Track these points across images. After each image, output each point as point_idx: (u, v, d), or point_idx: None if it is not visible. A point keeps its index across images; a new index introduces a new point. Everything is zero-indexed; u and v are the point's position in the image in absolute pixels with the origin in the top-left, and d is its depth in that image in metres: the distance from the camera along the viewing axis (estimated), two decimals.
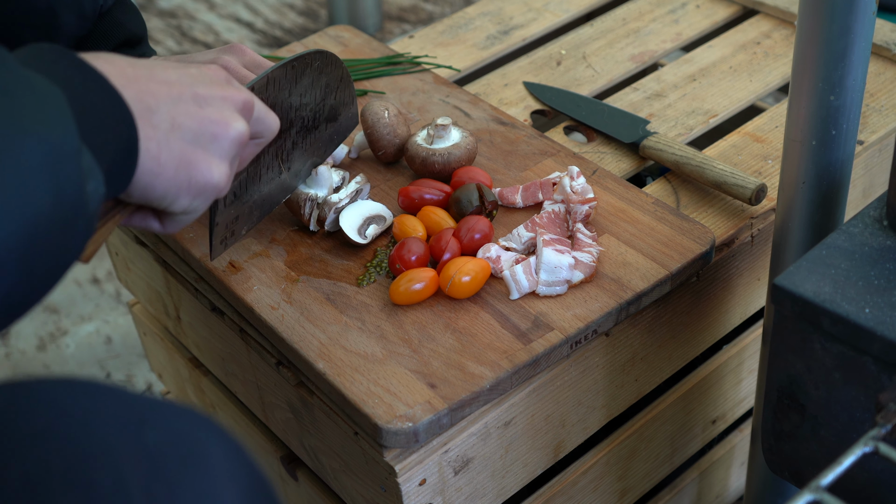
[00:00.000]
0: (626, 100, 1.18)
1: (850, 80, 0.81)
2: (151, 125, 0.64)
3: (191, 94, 0.68)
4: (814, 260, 0.76)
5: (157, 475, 0.50)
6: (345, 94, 0.98)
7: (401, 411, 0.81)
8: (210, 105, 0.69)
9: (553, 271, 0.89)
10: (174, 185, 0.66)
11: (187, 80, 0.69)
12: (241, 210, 0.90)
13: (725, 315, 1.05)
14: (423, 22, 2.44)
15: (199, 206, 0.70)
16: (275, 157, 0.91)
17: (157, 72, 0.67)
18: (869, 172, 1.12)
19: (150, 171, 0.64)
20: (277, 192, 0.94)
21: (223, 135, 0.69)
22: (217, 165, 0.69)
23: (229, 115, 0.70)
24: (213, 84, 0.71)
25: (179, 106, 0.66)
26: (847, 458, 0.64)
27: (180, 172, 0.66)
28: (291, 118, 0.91)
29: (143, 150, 0.63)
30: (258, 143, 0.78)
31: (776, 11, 1.29)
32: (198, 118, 0.67)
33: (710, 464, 1.20)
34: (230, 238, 0.91)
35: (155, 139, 0.64)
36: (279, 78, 0.87)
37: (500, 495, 0.93)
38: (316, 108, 0.95)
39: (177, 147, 0.66)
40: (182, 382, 1.26)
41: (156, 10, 2.57)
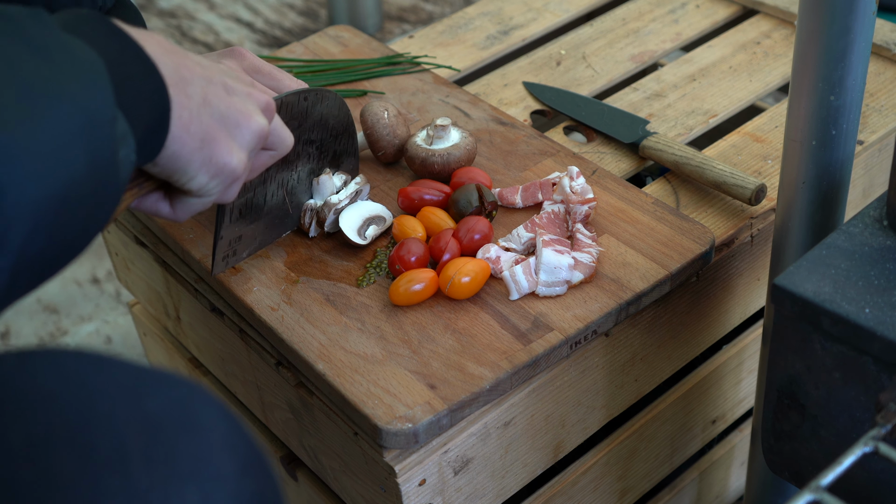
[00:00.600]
0: (626, 100, 1.18)
1: (850, 80, 0.81)
2: (186, 94, 0.66)
3: (221, 80, 0.71)
4: (814, 260, 0.76)
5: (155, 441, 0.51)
6: (348, 144, 1.00)
7: (400, 412, 0.81)
8: (237, 95, 0.72)
9: (553, 272, 0.89)
10: (197, 158, 0.68)
11: (216, 68, 0.72)
12: (245, 230, 0.92)
13: (725, 315, 1.05)
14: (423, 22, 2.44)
15: (213, 189, 0.72)
16: (280, 185, 0.94)
17: (189, 54, 0.70)
18: (869, 172, 1.12)
19: (179, 138, 0.66)
20: (280, 223, 0.96)
21: (246, 125, 0.72)
22: (237, 150, 0.71)
23: (253, 109, 0.73)
24: (240, 80, 0.74)
25: (210, 87, 0.69)
26: (847, 458, 0.64)
27: (205, 147, 0.68)
28: (299, 150, 0.94)
29: (176, 116, 0.65)
30: (272, 154, 0.80)
31: (776, 11, 1.29)
32: (226, 102, 0.70)
33: (710, 464, 1.20)
34: (232, 257, 0.93)
35: (188, 108, 0.66)
36: (292, 104, 0.89)
37: (500, 495, 0.93)
38: (322, 148, 0.97)
39: (206, 121, 0.68)
40: None
41: (156, 10, 2.57)
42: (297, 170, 0.95)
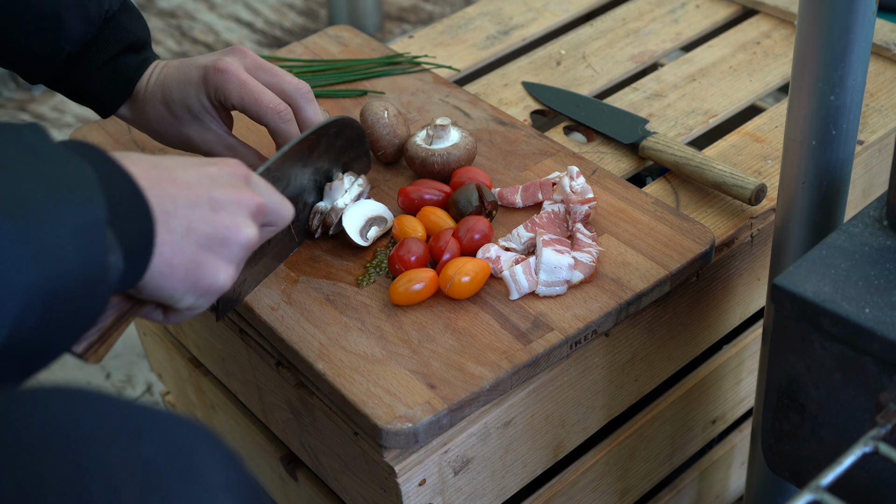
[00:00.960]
0: (626, 100, 1.18)
1: (850, 80, 0.81)
2: (168, 229, 0.67)
3: (207, 197, 0.70)
4: (814, 260, 0.76)
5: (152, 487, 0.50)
6: (359, 149, 1.00)
7: (400, 412, 0.81)
8: (224, 210, 0.71)
9: (553, 271, 0.89)
10: (182, 286, 0.69)
11: (206, 181, 0.71)
12: (250, 273, 0.91)
13: (725, 315, 1.05)
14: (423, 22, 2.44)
15: (202, 305, 0.73)
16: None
17: (177, 173, 0.69)
18: (869, 172, 1.12)
19: (162, 272, 0.67)
20: (284, 250, 0.95)
21: (234, 239, 0.71)
22: (224, 269, 0.71)
23: (241, 221, 0.72)
24: (230, 187, 0.72)
25: (196, 211, 0.69)
26: (847, 458, 0.64)
27: (189, 275, 0.69)
28: (303, 183, 0.93)
29: (158, 252, 0.66)
30: (271, 230, 0.79)
31: (776, 11, 1.29)
32: (212, 223, 0.70)
33: (710, 464, 1.20)
34: (237, 299, 0.92)
35: (170, 244, 0.67)
36: (294, 153, 0.89)
37: (500, 495, 0.93)
38: (330, 167, 0.96)
39: (189, 251, 0.68)
40: (182, 382, 1.26)
41: (156, 10, 2.57)
42: (304, 197, 0.95)
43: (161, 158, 0.70)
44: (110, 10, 0.94)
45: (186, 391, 1.26)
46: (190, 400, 1.27)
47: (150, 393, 1.59)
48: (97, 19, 0.93)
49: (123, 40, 0.95)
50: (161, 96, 0.96)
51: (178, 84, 0.95)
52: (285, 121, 0.94)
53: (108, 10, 0.94)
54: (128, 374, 1.63)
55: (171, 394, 1.36)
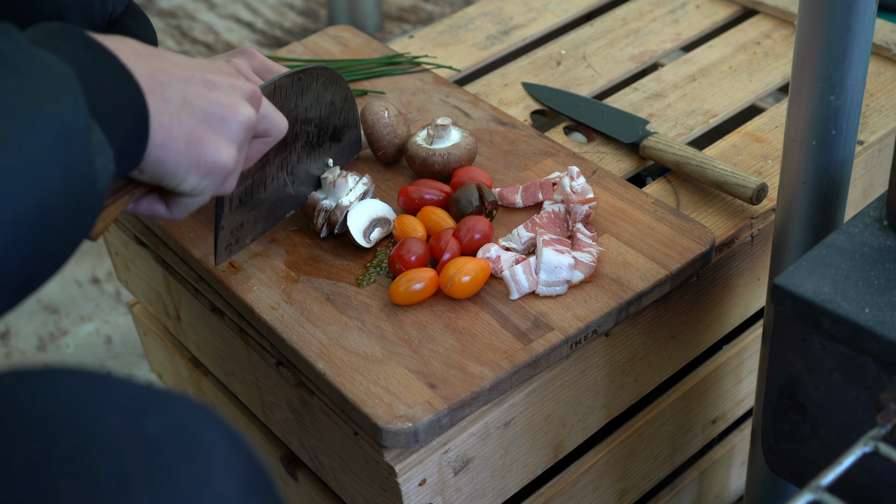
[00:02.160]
0: (626, 100, 1.18)
1: (850, 80, 0.81)
2: (163, 98, 0.65)
3: (200, 77, 0.69)
4: (814, 260, 0.76)
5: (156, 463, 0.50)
6: (349, 116, 1.00)
7: (401, 411, 0.81)
8: (219, 89, 0.70)
9: (553, 271, 0.89)
10: (185, 161, 0.67)
11: (196, 65, 0.71)
12: (247, 217, 0.91)
13: (725, 315, 1.05)
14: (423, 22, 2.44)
15: (206, 188, 0.71)
16: (280, 167, 0.93)
17: (167, 55, 0.69)
18: (869, 172, 1.12)
19: (162, 143, 0.65)
20: (282, 205, 0.96)
21: (231, 117, 0.70)
22: (225, 146, 0.70)
23: (238, 101, 0.71)
24: (222, 72, 0.72)
25: (190, 86, 0.68)
26: (847, 458, 0.64)
27: (191, 148, 0.67)
28: (297, 131, 0.93)
29: (156, 122, 0.64)
30: (266, 141, 0.78)
31: (776, 11, 1.29)
32: (207, 98, 0.69)
33: (710, 464, 1.20)
34: (234, 245, 0.92)
35: (167, 112, 0.65)
36: (286, 87, 0.88)
37: (500, 495, 0.93)
38: (321, 125, 0.96)
39: (187, 122, 0.67)
40: (182, 382, 1.26)
41: (156, 10, 2.57)
42: (297, 150, 0.94)
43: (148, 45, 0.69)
44: (115, 13, 0.94)
45: (187, 391, 1.26)
46: None
47: None
48: (101, 22, 0.93)
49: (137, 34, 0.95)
50: None
51: None
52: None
53: (113, 13, 0.94)
54: (128, 374, 1.63)
55: None
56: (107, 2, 0.93)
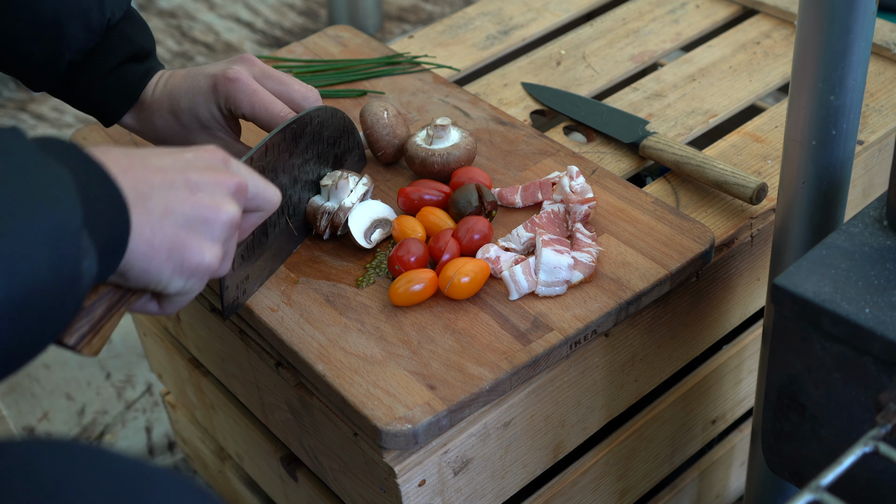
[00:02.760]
0: (626, 100, 1.18)
1: (850, 80, 0.81)
2: (145, 210, 0.66)
3: (183, 180, 0.69)
4: (814, 260, 0.76)
5: None
6: (349, 142, 0.99)
7: (400, 413, 0.81)
8: (202, 190, 0.70)
9: (552, 271, 0.89)
10: (168, 268, 0.68)
11: (180, 165, 0.70)
12: (252, 269, 0.90)
13: (725, 315, 1.05)
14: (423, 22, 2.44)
15: (193, 287, 0.72)
16: (281, 213, 0.92)
17: (150, 160, 0.69)
18: (869, 172, 1.12)
19: (145, 254, 0.66)
20: (286, 245, 0.95)
21: (214, 219, 0.70)
22: (209, 248, 0.70)
23: (221, 200, 0.71)
24: (207, 169, 0.71)
25: (172, 192, 0.68)
26: (847, 458, 0.64)
27: (173, 255, 0.68)
28: (295, 175, 0.92)
29: (138, 234, 0.66)
30: (260, 215, 0.78)
31: (776, 11, 1.29)
32: (190, 203, 0.69)
33: (710, 464, 1.20)
34: (242, 297, 0.91)
35: (149, 224, 0.66)
36: (278, 142, 0.88)
37: (500, 496, 0.93)
38: (320, 161, 0.96)
39: (169, 231, 0.68)
40: (182, 383, 1.26)
41: (156, 10, 2.57)
42: (298, 190, 0.94)
43: (133, 148, 0.70)
44: (113, 18, 0.94)
45: (186, 391, 1.26)
46: (190, 400, 1.27)
47: (150, 393, 1.59)
48: (99, 28, 0.93)
49: (127, 49, 0.96)
50: (168, 105, 0.96)
51: (187, 93, 0.95)
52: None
53: (111, 19, 0.94)
54: (128, 374, 1.63)
55: (171, 394, 1.36)
56: (105, 8, 0.93)
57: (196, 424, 1.32)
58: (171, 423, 1.42)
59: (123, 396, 1.59)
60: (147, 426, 1.55)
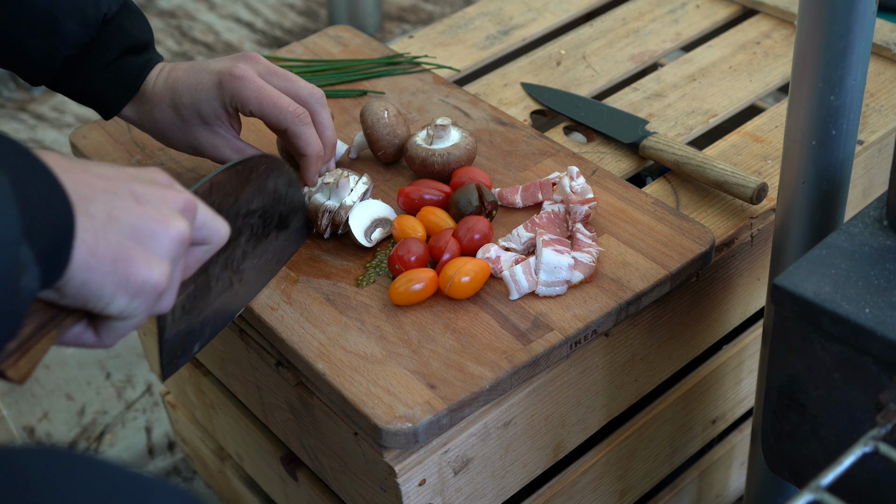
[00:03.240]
0: (626, 100, 1.18)
1: (850, 80, 0.81)
2: (88, 214, 0.60)
3: (128, 189, 0.64)
4: (814, 260, 0.76)
5: None
6: (294, 200, 0.92)
7: (400, 412, 0.81)
8: (149, 202, 0.64)
9: (552, 271, 0.89)
10: (111, 281, 0.61)
11: (124, 175, 0.65)
12: (193, 325, 0.83)
13: (725, 315, 1.05)
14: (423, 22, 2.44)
15: (137, 309, 0.64)
16: (224, 267, 0.85)
17: (92, 166, 0.64)
18: (869, 172, 1.12)
19: (87, 264, 0.60)
20: (230, 305, 0.88)
21: (162, 232, 0.64)
22: (157, 263, 0.63)
23: (169, 214, 0.65)
24: (153, 183, 0.66)
25: (116, 200, 0.62)
26: (847, 458, 0.64)
27: (118, 267, 0.61)
28: (240, 226, 0.85)
29: (80, 240, 0.59)
30: (206, 249, 0.71)
31: (776, 11, 1.29)
32: (136, 213, 0.63)
33: (710, 464, 1.20)
34: (181, 356, 0.84)
35: (92, 229, 0.60)
36: (223, 182, 0.81)
37: (500, 495, 0.93)
38: (265, 215, 0.89)
39: (114, 239, 0.61)
40: (182, 382, 1.26)
41: (156, 10, 2.57)
42: (242, 244, 0.86)
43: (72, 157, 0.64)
44: (109, 12, 0.94)
45: (186, 391, 1.26)
46: (190, 400, 1.27)
47: (150, 393, 1.59)
48: (94, 22, 0.93)
49: (123, 42, 0.95)
50: (170, 99, 0.95)
51: (190, 88, 0.94)
52: (305, 123, 0.94)
53: (107, 13, 0.93)
54: (128, 374, 1.63)
55: (171, 394, 1.36)
56: (100, 2, 0.92)
57: (196, 424, 1.32)
58: (171, 422, 1.42)
59: (123, 396, 1.59)
60: (147, 426, 1.55)
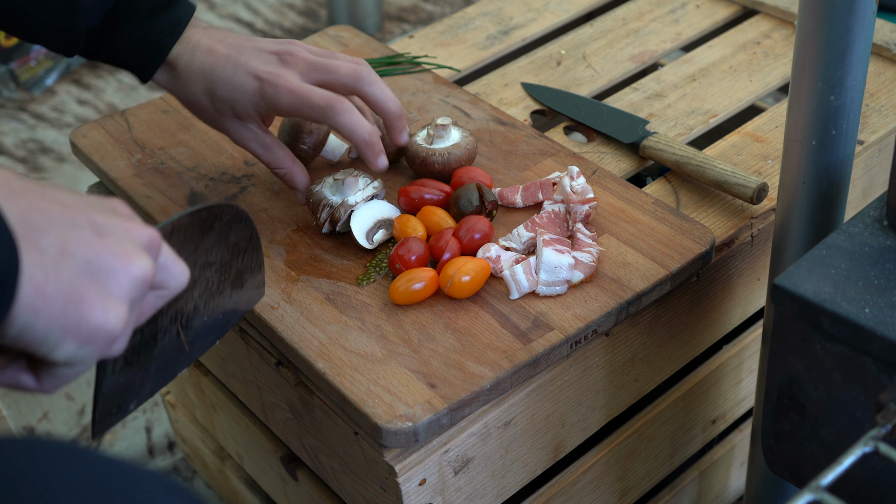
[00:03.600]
0: (626, 100, 1.18)
1: (850, 80, 0.81)
2: (38, 249, 0.54)
3: (88, 219, 0.57)
4: (814, 260, 0.76)
5: None
6: (252, 259, 0.85)
7: (401, 411, 0.81)
8: (111, 235, 0.58)
9: (553, 271, 0.89)
10: (60, 325, 0.54)
11: (84, 204, 0.58)
12: (133, 380, 0.75)
13: (725, 315, 1.05)
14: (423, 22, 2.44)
15: (86, 356, 0.57)
16: (173, 320, 0.77)
17: (49, 191, 0.57)
18: (869, 172, 1.12)
19: (33, 305, 0.53)
20: (174, 362, 0.80)
21: (123, 270, 0.57)
22: (114, 306, 0.56)
23: (132, 250, 0.58)
24: (115, 214, 0.60)
25: (73, 231, 0.56)
26: (847, 458, 0.64)
27: (68, 310, 0.54)
28: (195, 277, 0.77)
29: (26, 278, 0.53)
30: (161, 295, 0.64)
31: (776, 11, 1.29)
32: (95, 247, 0.56)
33: (710, 464, 1.20)
34: (117, 413, 0.76)
35: (41, 265, 0.53)
36: (185, 227, 0.74)
37: (500, 495, 0.93)
38: (222, 270, 0.81)
39: (66, 278, 0.54)
40: (182, 382, 1.26)
41: None
42: (194, 298, 0.78)
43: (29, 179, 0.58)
44: None
45: (186, 391, 1.26)
46: (190, 400, 1.27)
47: None
48: None
49: (146, 5, 0.92)
50: (204, 86, 0.93)
51: (226, 84, 0.92)
52: (340, 113, 0.91)
53: None
54: None
55: (171, 394, 1.36)
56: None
57: (196, 424, 1.32)
58: (171, 422, 1.42)
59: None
60: (147, 426, 1.55)
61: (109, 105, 2.24)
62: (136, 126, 1.16)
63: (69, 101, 2.26)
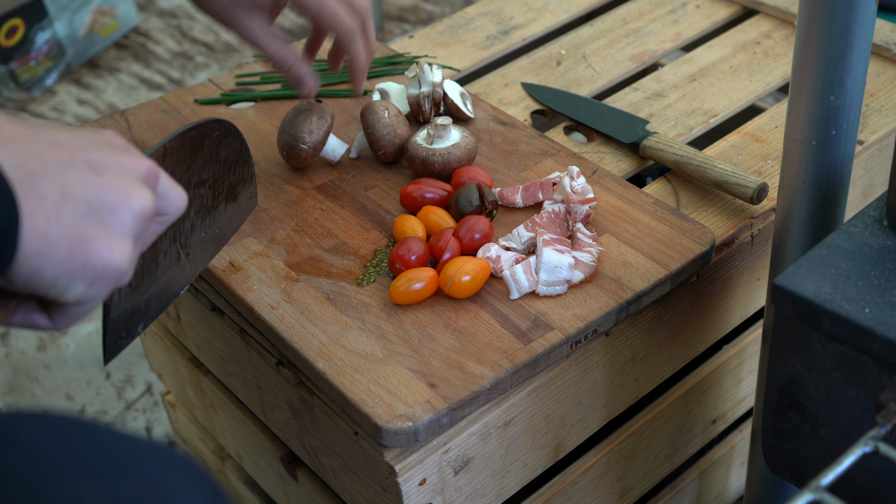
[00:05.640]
0: (626, 100, 1.18)
1: (850, 80, 0.81)
2: (37, 195, 0.54)
3: (84, 159, 0.57)
4: (814, 260, 0.76)
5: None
6: (244, 171, 0.87)
7: (401, 411, 0.81)
8: (108, 172, 0.58)
9: (553, 271, 0.89)
10: (67, 269, 0.55)
11: (79, 142, 0.58)
12: (138, 303, 0.77)
13: (725, 315, 1.05)
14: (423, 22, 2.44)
15: (95, 295, 0.58)
16: (172, 241, 0.79)
17: (42, 131, 0.57)
18: (869, 172, 1.12)
19: (37, 252, 0.53)
20: (177, 280, 0.82)
21: (125, 207, 0.57)
22: (118, 244, 0.57)
23: (131, 185, 0.58)
24: (110, 149, 0.59)
25: (71, 173, 0.56)
26: (847, 458, 0.64)
27: (74, 253, 0.55)
28: (190, 196, 0.79)
29: (28, 226, 0.53)
30: (162, 220, 0.65)
31: (776, 11, 1.29)
32: (94, 187, 0.56)
33: (710, 464, 1.20)
34: (126, 337, 0.78)
35: (42, 212, 0.54)
36: (177, 148, 0.76)
37: (500, 495, 0.93)
38: (215, 185, 0.84)
39: (69, 221, 0.55)
40: (182, 382, 1.26)
41: (156, 10, 2.57)
42: (191, 216, 0.80)
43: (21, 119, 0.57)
44: None
45: (186, 391, 1.26)
46: (190, 400, 1.27)
47: (150, 393, 1.59)
48: None
49: None
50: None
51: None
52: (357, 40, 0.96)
53: None
54: (128, 374, 1.63)
55: (171, 394, 1.36)
56: None
57: (196, 424, 1.32)
58: (171, 422, 1.42)
59: (123, 396, 1.60)
60: (147, 426, 1.55)
61: (109, 105, 2.24)
62: (136, 126, 1.16)
63: (69, 101, 2.26)
